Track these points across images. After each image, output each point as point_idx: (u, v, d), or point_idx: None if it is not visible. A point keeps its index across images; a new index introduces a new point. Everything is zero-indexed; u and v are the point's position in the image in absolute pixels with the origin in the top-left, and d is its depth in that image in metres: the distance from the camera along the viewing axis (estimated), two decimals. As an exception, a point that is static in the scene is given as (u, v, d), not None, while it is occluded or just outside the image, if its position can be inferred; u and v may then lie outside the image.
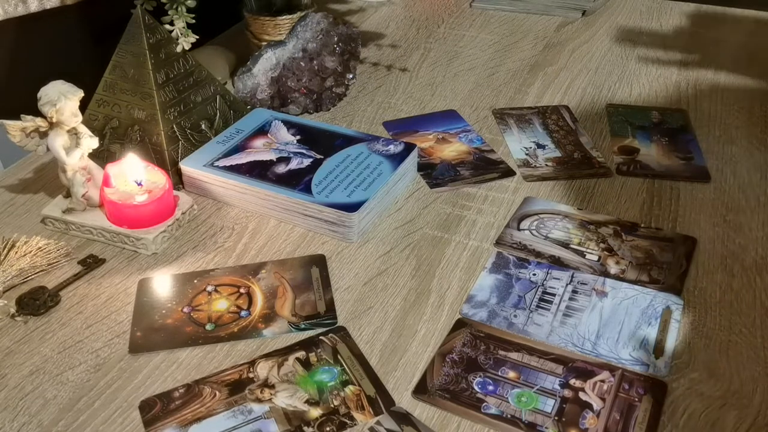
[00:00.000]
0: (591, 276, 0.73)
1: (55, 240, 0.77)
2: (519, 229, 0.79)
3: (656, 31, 1.26)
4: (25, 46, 1.02)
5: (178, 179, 0.86)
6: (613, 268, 0.74)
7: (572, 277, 0.73)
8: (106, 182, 0.77)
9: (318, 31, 1.00)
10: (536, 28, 1.28)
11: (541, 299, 0.70)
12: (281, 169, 0.83)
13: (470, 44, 1.22)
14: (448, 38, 1.25)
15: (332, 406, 0.59)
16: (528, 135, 0.96)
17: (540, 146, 0.94)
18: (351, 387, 0.61)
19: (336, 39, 1.01)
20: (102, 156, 0.85)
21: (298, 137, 0.89)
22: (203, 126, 0.89)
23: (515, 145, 0.94)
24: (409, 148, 0.87)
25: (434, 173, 0.89)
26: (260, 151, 0.86)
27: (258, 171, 0.83)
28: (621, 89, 1.08)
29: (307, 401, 0.60)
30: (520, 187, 0.86)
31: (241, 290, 0.71)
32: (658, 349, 0.64)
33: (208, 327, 0.67)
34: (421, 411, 0.59)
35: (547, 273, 0.73)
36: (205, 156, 0.85)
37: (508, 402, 0.60)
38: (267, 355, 0.64)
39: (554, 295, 0.70)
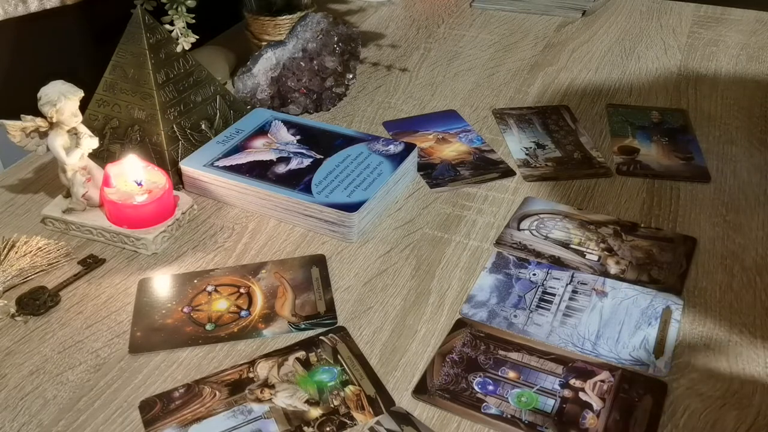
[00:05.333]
0: (591, 276, 0.73)
1: (55, 240, 0.77)
2: (519, 229, 0.79)
3: (656, 31, 1.26)
4: (25, 46, 1.02)
5: (178, 179, 0.86)
6: (613, 268, 0.74)
7: (572, 277, 0.73)
8: (106, 182, 0.77)
9: (318, 31, 1.00)
10: (536, 28, 1.28)
11: (541, 299, 0.70)
12: (281, 169, 0.83)
13: (470, 44, 1.22)
14: (448, 38, 1.25)
15: (332, 406, 0.59)
16: (528, 135, 0.96)
17: (540, 146, 0.94)
18: (351, 387, 0.61)
19: (336, 39, 1.01)
20: (102, 156, 0.85)
21: (298, 137, 0.89)
22: (203, 126, 0.89)
23: (515, 145, 0.94)
24: (409, 148, 0.87)
25: (434, 173, 0.89)
26: (260, 151, 0.86)
27: (258, 171, 0.83)
28: (621, 89, 1.08)
29: (307, 401, 0.60)
30: (520, 187, 0.86)
31: (241, 290, 0.71)
32: (658, 349, 0.64)
33: (208, 327, 0.67)
34: (421, 411, 0.59)
35: (547, 273, 0.73)
36: (205, 156, 0.85)
37: (508, 402, 0.60)
38: (267, 355, 0.64)
39: (554, 295, 0.70)
